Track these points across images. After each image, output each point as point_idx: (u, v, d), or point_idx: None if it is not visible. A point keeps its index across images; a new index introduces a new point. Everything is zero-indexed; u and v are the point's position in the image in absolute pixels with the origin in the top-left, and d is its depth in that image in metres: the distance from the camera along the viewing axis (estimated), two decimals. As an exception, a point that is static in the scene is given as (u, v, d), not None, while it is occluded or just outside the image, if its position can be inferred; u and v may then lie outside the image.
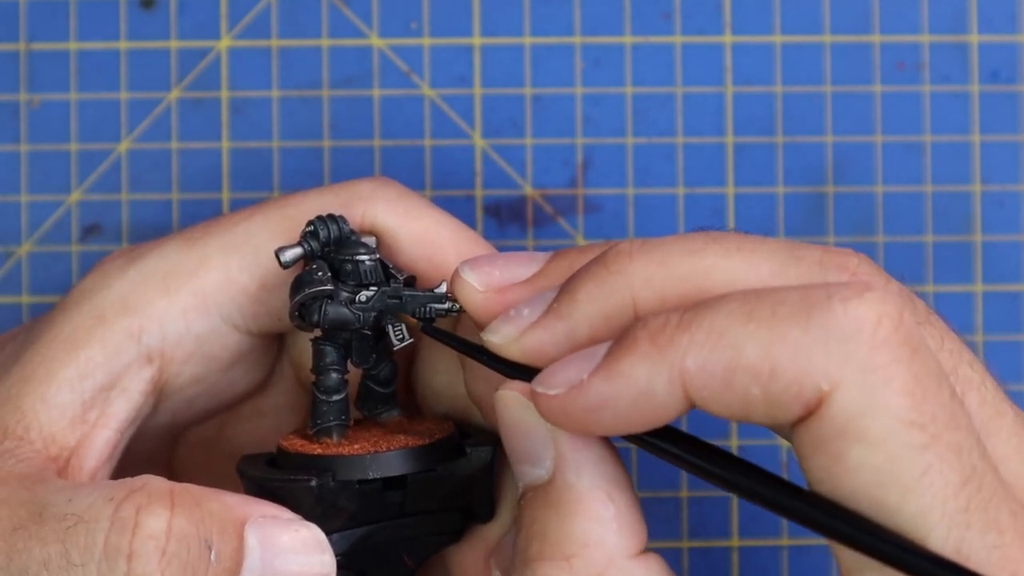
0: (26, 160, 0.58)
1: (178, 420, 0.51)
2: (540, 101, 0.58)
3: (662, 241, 0.42)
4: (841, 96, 0.58)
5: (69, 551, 0.42)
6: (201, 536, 0.42)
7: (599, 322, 0.42)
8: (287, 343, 0.51)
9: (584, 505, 0.42)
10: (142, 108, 0.58)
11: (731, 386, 0.39)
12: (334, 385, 0.47)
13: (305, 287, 0.46)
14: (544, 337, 0.43)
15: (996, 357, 0.58)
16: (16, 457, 0.45)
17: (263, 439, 0.52)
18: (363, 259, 0.46)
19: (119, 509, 0.42)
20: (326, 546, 0.44)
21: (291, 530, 0.44)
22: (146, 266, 0.48)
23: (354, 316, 0.46)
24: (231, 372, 0.50)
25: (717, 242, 0.42)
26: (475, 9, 0.58)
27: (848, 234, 0.58)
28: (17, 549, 0.43)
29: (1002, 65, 0.58)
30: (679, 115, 0.58)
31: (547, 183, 0.58)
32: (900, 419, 0.38)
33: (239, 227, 0.48)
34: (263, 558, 0.43)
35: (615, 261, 0.42)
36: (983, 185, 0.58)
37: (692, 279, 0.41)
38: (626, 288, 0.42)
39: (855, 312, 0.38)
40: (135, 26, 0.58)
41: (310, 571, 0.44)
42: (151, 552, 0.42)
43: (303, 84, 0.58)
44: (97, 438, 0.47)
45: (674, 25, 0.58)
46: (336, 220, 0.47)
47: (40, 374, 0.47)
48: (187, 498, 0.43)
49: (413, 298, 0.46)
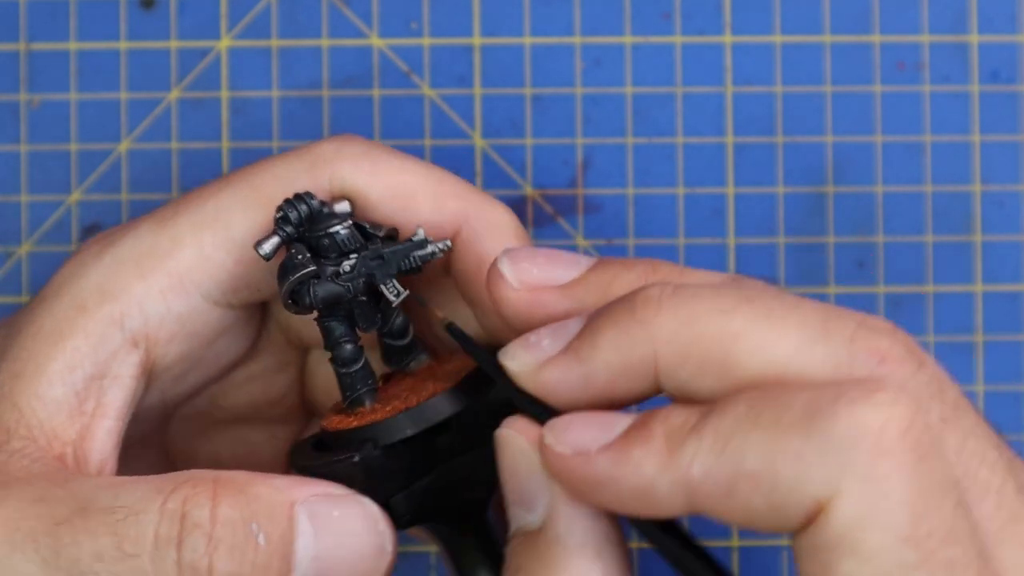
0: (26, 160, 0.58)
1: (168, 398, 0.51)
2: (540, 101, 0.58)
3: (694, 293, 0.41)
4: (841, 96, 0.58)
5: (122, 542, 0.43)
6: (246, 520, 0.43)
7: (618, 371, 0.41)
8: (271, 309, 0.51)
9: (571, 562, 0.41)
10: (142, 108, 0.58)
11: (734, 495, 0.38)
12: (350, 356, 0.47)
13: (288, 275, 0.46)
14: (560, 377, 0.42)
15: (996, 357, 0.58)
16: (29, 457, 0.46)
17: (255, 402, 0.52)
18: (337, 229, 0.46)
19: (167, 501, 0.43)
20: (379, 517, 0.44)
21: (342, 506, 0.44)
22: (120, 251, 0.48)
23: (343, 288, 0.46)
24: (216, 345, 0.50)
25: (749, 304, 0.40)
26: (475, 9, 0.58)
27: (848, 234, 0.58)
28: (65, 543, 0.43)
29: (1002, 65, 0.58)
30: (679, 115, 0.58)
31: (547, 183, 0.58)
32: (896, 534, 0.37)
33: (208, 204, 0.48)
34: (316, 536, 0.43)
35: (643, 309, 0.41)
36: (983, 185, 0.58)
37: (718, 343, 0.40)
38: (649, 341, 0.41)
39: (860, 417, 0.37)
40: (135, 26, 0.58)
41: (364, 544, 0.44)
42: (197, 539, 0.43)
43: (303, 84, 0.58)
44: (98, 429, 0.47)
45: (674, 25, 0.58)
46: (303, 198, 0.47)
47: (29, 370, 0.47)
48: (230, 485, 0.44)
49: (394, 253, 0.46)
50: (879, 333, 0.40)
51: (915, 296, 0.58)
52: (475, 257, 0.48)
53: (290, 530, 0.43)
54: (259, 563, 0.43)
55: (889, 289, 0.58)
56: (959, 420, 0.40)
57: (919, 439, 0.38)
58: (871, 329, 0.40)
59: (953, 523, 0.38)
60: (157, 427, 0.52)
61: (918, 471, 0.37)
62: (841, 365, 0.40)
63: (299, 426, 0.54)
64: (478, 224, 0.48)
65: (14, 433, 0.46)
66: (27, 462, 0.46)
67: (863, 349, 0.40)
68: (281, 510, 0.43)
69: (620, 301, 0.42)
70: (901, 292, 0.58)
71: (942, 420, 0.40)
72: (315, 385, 0.53)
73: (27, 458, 0.46)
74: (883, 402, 0.38)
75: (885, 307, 0.58)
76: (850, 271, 0.58)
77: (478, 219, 0.48)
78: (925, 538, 0.37)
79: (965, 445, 0.40)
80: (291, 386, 0.53)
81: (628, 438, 0.40)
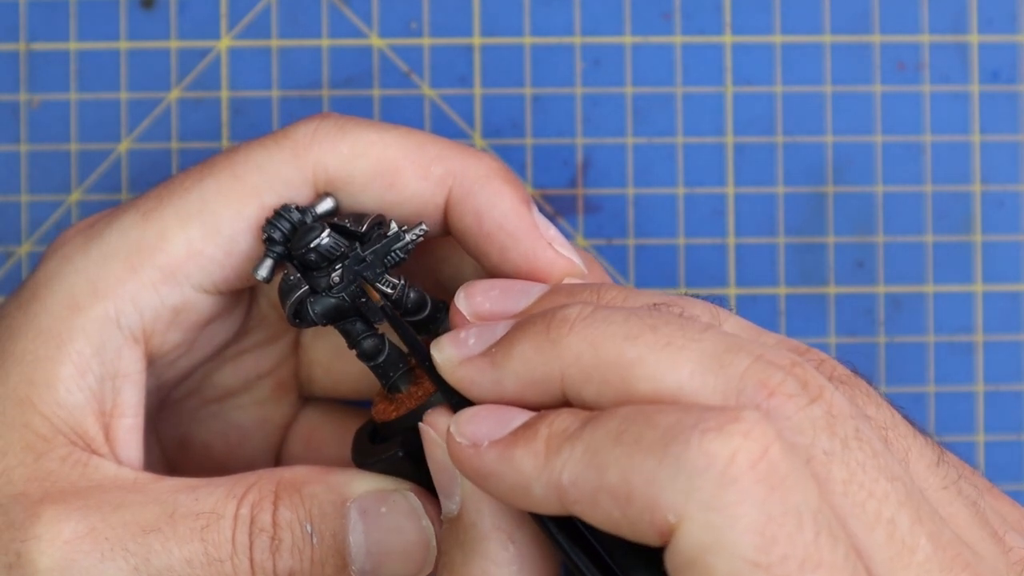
0: (26, 160, 0.58)
1: (164, 382, 0.51)
2: (540, 101, 0.58)
3: (605, 316, 0.42)
4: (841, 96, 0.58)
5: (208, 548, 0.45)
6: (302, 521, 0.46)
7: (525, 383, 0.43)
8: (261, 287, 0.52)
9: (484, 546, 0.43)
10: (142, 108, 0.58)
11: (597, 505, 0.40)
12: (373, 349, 0.48)
13: (285, 299, 0.47)
14: (475, 376, 0.44)
15: (996, 357, 0.58)
16: (83, 463, 0.47)
17: (248, 374, 0.53)
18: (318, 242, 0.47)
19: (240, 507, 0.46)
20: (422, 513, 0.46)
21: (389, 501, 0.46)
22: (107, 245, 0.48)
23: (339, 299, 0.47)
24: (209, 329, 0.50)
25: (652, 332, 0.41)
26: (475, 9, 0.58)
27: (848, 234, 0.58)
28: (155, 550, 0.45)
29: (1002, 65, 0.58)
30: (679, 115, 0.58)
31: (547, 183, 0.58)
32: (744, 559, 0.38)
33: (192, 194, 0.48)
34: (366, 532, 0.46)
35: (556, 328, 0.42)
36: (983, 185, 0.58)
37: (618, 368, 0.41)
38: (556, 360, 0.42)
39: (709, 447, 0.38)
40: (135, 26, 0.58)
41: (408, 538, 0.46)
42: (264, 543, 0.45)
43: (303, 84, 0.58)
44: (119, 428, 0.48)
45: (674, 25, 0.58)
46: (283, 214, 0.47)
47: (39, 376, 0.47)
48: (290, 487, 0.46)
49: (375, 253, 0.47)
50: (773, 367, 0.41)
51: (915, 296, 0.58)
52: (471, 213, 0.48)
53: (342, 528, 0.46)
54: (316, 559, 0.46)
55: (889, 289, 0.58)
56: (849, 454, 0.41)
57: (772, 470, 0.38)
58: (767, 363, 0.41)
59: (816, 549, 0.38)
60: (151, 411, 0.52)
61: (769, 499, 0.38)
62: (729, 397, 0.41)
63: (293, 408, 0.54)
64: (466, 180, 0.48)
65: (53, 441, 0.47)
66: (81, 468, 0.46)
67: (753, 382, 0.41)
68: (334, 508, 0.46)
69: (540, 316, 0.43)
70: (901, 292, 0.58)
71: (826, 454, 0.40)
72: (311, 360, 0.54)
73: (79, 464, 0.46)
74: (735, 432, 0.38)
75: (885, 307, 0.58)
76: (850, 271, 0.58)
77: (465, 175, 0.48)
78: (779, 563, 0.38)
79: (853, 478, 0.40)
80: (283, 359, 0.53)
81: (515, 436, 0.42)
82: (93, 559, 0.45)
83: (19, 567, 0.45)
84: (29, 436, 0.47)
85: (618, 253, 0.58)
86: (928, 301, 0.58)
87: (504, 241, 0.48)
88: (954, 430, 0.58)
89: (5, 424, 0.47)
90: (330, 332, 0.51)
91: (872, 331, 0.58)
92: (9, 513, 0.46)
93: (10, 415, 0.47)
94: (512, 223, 0.48)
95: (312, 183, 0.48)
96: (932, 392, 0.58)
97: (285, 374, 0.54)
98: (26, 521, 0.45)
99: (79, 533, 0.45)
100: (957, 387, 0.58)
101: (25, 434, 0.47)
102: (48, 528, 0.45)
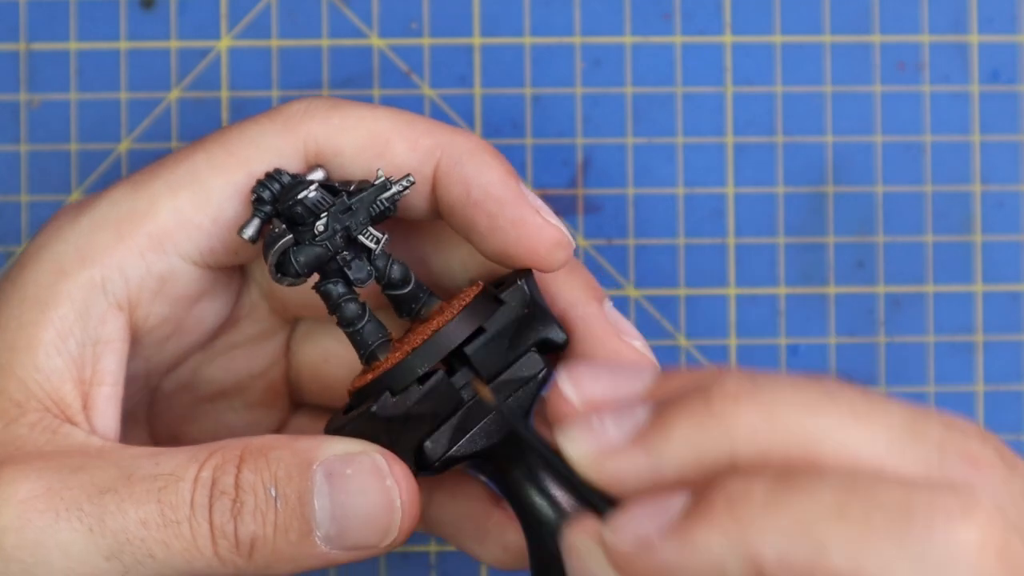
0: (26, 160, 0.58)
1: (152, 366, 0.51)
2: (540, 101, 0.58)
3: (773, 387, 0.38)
4: (841, 96, 0.58)
5: (164, 509, 0.45)
6: (266, 484, 0.45)
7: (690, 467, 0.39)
8: (252, 274, 0.52)
9: None
10: (142, 108, 0.58)
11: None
12: (353, 314, 0.48)
13: (268, 249, 0.47)
14: (627, 469, 0.39)
15: (996, 357, 0.58)
16: (50, 429, 0.46)
17: (239, 373, 0.53)
18: (304, 194, 0.47)
19: (202, 469, 0.45)
20: (387, 473, 0.45)
21: (355, 463, 0.45)
22: (97, 214, 0.48)
23: (323, 248, 0.47)
24: (197, 308, 0.50)
25: (833, 401, 0.38)
26: (475, 9, 0.58)
27: (848, 234, 0.58)
28: (110, 511, 0.45)
29: (1002, 65, 0.58)
30: (679, 115, 0.58)
31: (547, 183, 0.58)
32: None
33: (182, 166, 0.48)
34: (330, 495, 0.45)
35: (720, 402, 0.38)
36: (983, 185, 0.58)
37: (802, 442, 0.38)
38: (726, 437, 0.38)
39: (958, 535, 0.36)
40: (135, 26, 0.58)
41: (374, 499, 0.45)
42: (225, 506, 0.45)
43: (303, 84, 0.58)
44: (98, 396, 0.48)
45: (674, 25, 0.58)
46: (274, 176, 0.47)
47: (22, 341, 0.47)
48: (255, 451, 0.45)
49: (361, 201, 0.47)
50: (969, 436, 0.38)
51: (915, 296, 0.58)
52: (459, 183, 0.48)
53: (307, 491, 0.45)
54: (280, 524, 0.45)
55: (889, 289, 0.58)
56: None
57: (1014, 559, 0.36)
58: (961, 432, 0.38)
59: None
60: (142, 401, 0.52)
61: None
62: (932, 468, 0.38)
63: (283, 413, 0.54)
64: (454, 152, 0.48)
65: (26, 406, 0.47)
66: (49, 434, 0.46)
67: (955, 452, 0.38)
68: (299, 471, 0.45)
69: (695, 392, 0.39)
70: (901, 292, 0.58)
71: None
72: (300, 363, 0.53)
73: (48, 430, 0.46)
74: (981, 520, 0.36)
75: (885, 307, 0.58)
76: (850, 271, 0.58)
77: (453, 146, 0.49)
78: None
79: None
80: (275, 359, 0.53)
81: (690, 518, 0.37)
82: (48, 519, 0.45)
83: None
84: (2, 402, 0.47)
85: (618, 253, 0.58)
86: (928, 301, 0.58)
87: (491, 208, 0.48)
88: (954, 430, 0.58)
89: None
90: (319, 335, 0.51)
91: (872, 331, 0.58)
92: None
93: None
94: (499, 190, 0.48)
95: (303, 154, 0.48)
96: (932, 392, 0.58)
97: (276, 376, 0.54)
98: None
99: (35, 492, 0.45)
100: (957, 387, 0.58)
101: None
102: (5, 488, 0.45)
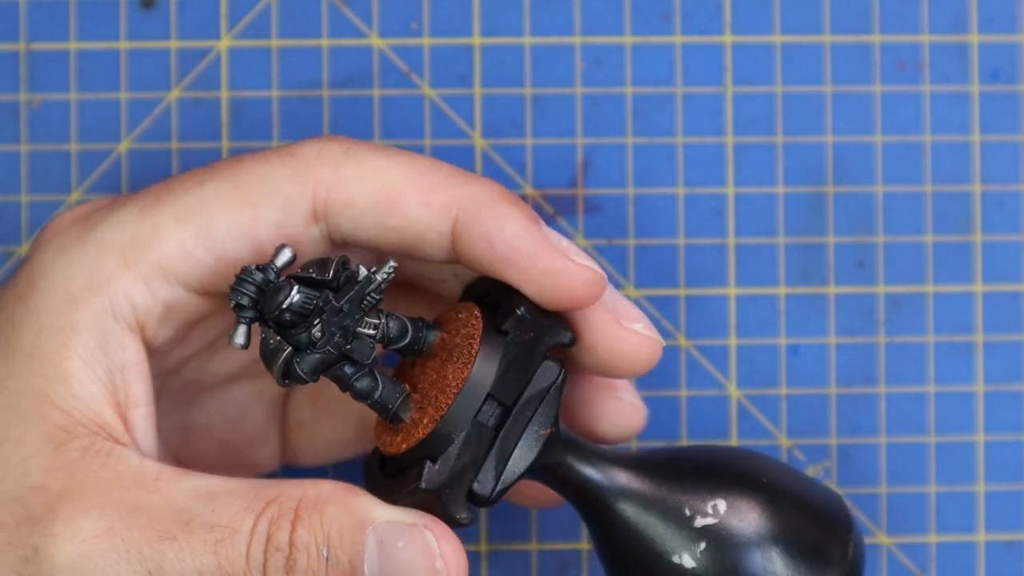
0: (26, 160, 0.58)
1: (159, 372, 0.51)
2: (540, 101, 0.58)
3: None
4: (841, 96, 0.58)
5: (221, 562, 0.45)
6: (318, 543, 0.46)
7: None
8: None
9: None
10: (142, 108, 0.58)
11: None
12: (367, 389, 0.47)
13: (270, 363, 0.46)
14: None
15: (996, 357, 0.58)
16: (106, 453, 0.47)
17: (243, 360, 0.53)
18: (288, 301, 0.46)
19: (257, 523, 0.46)
20: (437, 555, 0.46)
21: (408, 537, 0.46)
22: (103, 238, 0.48)
23: (324, 354, 0.46)
24: (202, 327, 0.51)
25: None
26: (475, 9, 0.58)
27: (848, 234, 0.58)
28: (169, 559, 0.45)
29: (1002, 65, 0.58)
30: (679, 115, 0.58)
31: (547, 183, 0.58)
32: None
33: (191, 196, 0.48)
34: (380, 563, 0.46)
35: None
36: (983, 185, 0.58)
37: None
38: None
39: None
40: (135, 26, 0.58)
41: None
42: (279, 563, 0.46)
43: (303, 84, 0.58)
44: (135, 418, 0.48)
45: (674, 25, 0.58)
46: (244, 277, 0.46)
47: (50, 371, 0.47)
48: (311, 508, 0.46)
49: (349, 301, 0.46)
50: None
51: (915, 296, 0.58)
52: (482, 239, 0.48)
53: (358, 554, 0.45)
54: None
55: (889, 289, 0.58)
56: None
57: None
58: None
59: None
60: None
61: None
62: None
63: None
64: (471, 207, 0.48)
65: (73, 431, 0.47)
66: (103, 458, 0.46)
67: None
68: (352, 534, 0.46)
69: None
70: (901, 292, 0.58)
71: None
72: None
73: (101, 453, 0.47)
74: None
75: (885, 307, 0.58)
76: (850, 271, 0.58)
77: (469, 202, 0.48)
78: None
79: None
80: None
81: None
82: (109, 559, 0.45)
83: (36, 562, 0.45)
84: (47, 427, 0.47)
85: (618, 253, 0.58)
86: (928, 301, 0.58)
87: (520, 262, 0.48)
88: (954, 430, 0.58)
89: (21, 416, 0.47)
90: None
91: (872, 331, 0.58)
92: (27, 506, 0.46)
93: (26, 408, 0.47)
94: (525, 243, 0.48)
95: (311, 202, 0.48)
96: (932, 392, 0.58)
97: None
98: (44, 516, 0.45)
99: (97, 532, 0.45)
100: (957, 387, 0.58)
101: (44, 425, 0.47)
102: (67, 525, 0.45)
